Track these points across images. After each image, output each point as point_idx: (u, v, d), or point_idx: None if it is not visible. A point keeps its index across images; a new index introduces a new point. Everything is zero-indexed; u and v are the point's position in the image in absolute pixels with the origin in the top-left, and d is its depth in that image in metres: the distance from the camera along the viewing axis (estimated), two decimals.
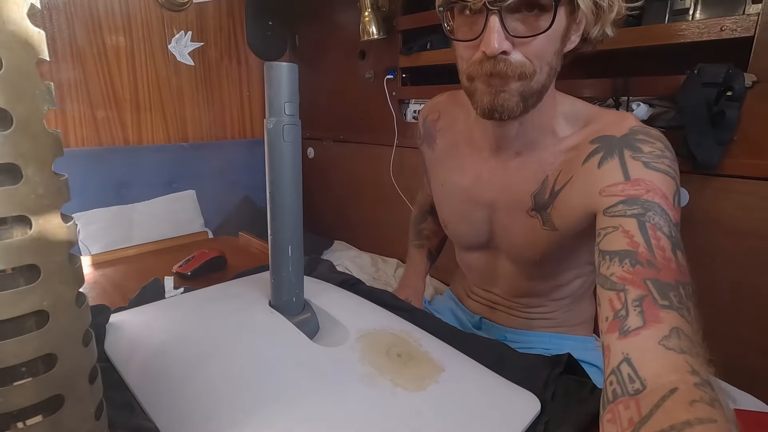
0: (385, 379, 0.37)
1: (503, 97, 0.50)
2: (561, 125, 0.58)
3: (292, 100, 0.38)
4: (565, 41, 0.51)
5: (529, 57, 0.49)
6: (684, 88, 0.91)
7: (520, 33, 0.47)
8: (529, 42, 0.48)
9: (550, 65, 0.51)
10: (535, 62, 0.49)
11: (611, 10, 0.50)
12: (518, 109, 0.51)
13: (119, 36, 1.66)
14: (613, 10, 0.50)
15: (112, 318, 0.47)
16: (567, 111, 0.58)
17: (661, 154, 0.49)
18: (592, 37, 0.53)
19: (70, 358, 0.24)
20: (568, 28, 0.50)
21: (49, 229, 0.23)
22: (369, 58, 1.73)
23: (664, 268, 0.40)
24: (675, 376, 0.32)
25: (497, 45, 0.46)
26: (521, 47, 0.48)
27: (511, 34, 0.47)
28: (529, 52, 0.48)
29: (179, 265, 0.75)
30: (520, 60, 0.48)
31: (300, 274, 0.43)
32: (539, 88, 0.51)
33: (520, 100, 0.51)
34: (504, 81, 0.49)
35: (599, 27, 0.52)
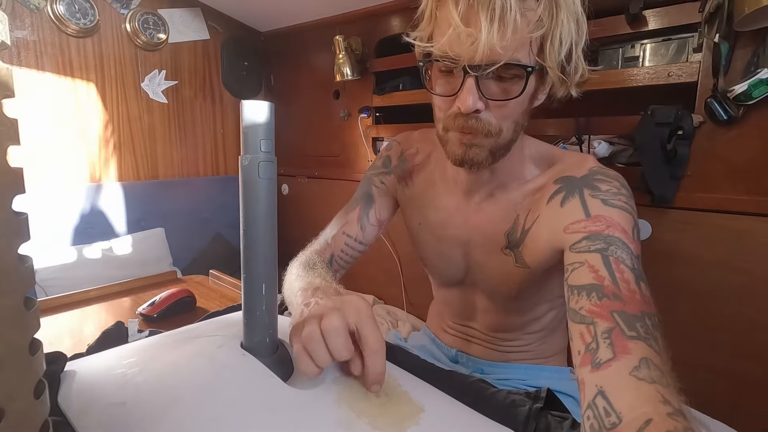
0: (363, 422, 0.35)
1: (474, 152, 0.55)
2: (529, 168, 0.62)
3: (268, 137, 0.38)
4: (533, 101, 0.56)
5: (496, 117, 0.53)
6: (639, 128, 0.98)
7: (493, 96, 0.51)
8: (502, 105, 0.52)
9: (517, 122, 0.55)
10: (502, 123, 0.53)
11: (576, 74, 0.55)
12: (487, 162, 0.56)
13: (90, 72, 1.65)
14: (578, 73, 0.55)
15: (68, 366, 0.44)
16: (533, 153, 0.62)
17: (617, 192, 0.53)
18: (558, 96, 0.57)
19: (18, 412, 0.22)
20: (536, 90, 0.55)
21: (4, 271, 0.21)
22: (343, 97, 1.78)
23: (629, 300, 0.42)
24: (648, 407, 0.32)
25: (471, 104, 0.50)
26: (493, 108, 0.52)
27: (485, 96, 0.51)
28: (498, 113, 0.53)
29: (144, 307, 0.72)
30: (488, 119, 0.53)
31: (274, 313, 0.42)
32: (506, 143, 0.55)
33: (489, 154, 0.55)
34: (474, 136, 0.54)
35: (565, 89, 0.56)
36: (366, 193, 0.75)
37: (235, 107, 2.09)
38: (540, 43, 0.50)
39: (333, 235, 0.71)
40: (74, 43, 1.60)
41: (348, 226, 0.72)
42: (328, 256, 0.70)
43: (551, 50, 0.50)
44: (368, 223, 0.73)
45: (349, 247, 0.71)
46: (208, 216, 1.99)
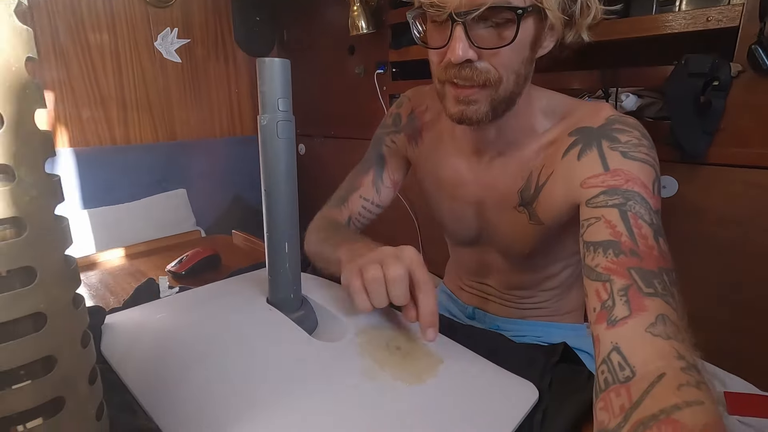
0: (385, 373, 0.37)
1: (472, 109, 0.52)
2: (539, 121, 0.58)
3: (286, 96, 0.38)
4: (536, 48, 0.52)
5: (494, 65, 0.50)
6: (671, 79, 0.92)
7: (484, 44, 0.48)
8: (495, 52, 0.49)
9: (518, 73, 0.51)
10: (500, 70, 0.50)
11: (585, 16, 0.51)
12: (487, 118, 0.53)
13: (103, 34, 1.63)
14: (589, 15, 0.51)
15: (108, 319, 0.46)
16: (544, 106, 0.59)
17: (638, 143, 0.50)
18: (567, 42, 0.53)
19: (68, 360, 0.24)
20: (537, 36, 0.51)
21: (44, 231, 0.22)
22: (358, 53, 1.72)
23: (646, 256, 0.41)
24: (662, 362, 0.33)
25: (461, 53, 0.48)
26: (487, 57, 0.49)
27: (475, 44, 0.48)
28: (495, 61, 0.49)
29: (173, 265, 0.75)
30: (486, 67, 0.50)
31: (297, 271, 0.43)
32: (507, 95, 0.52)
33: (489, 109, 0.52)
34: (470, 91, 0.51)
35: (573, 32, 0.52)
36: (378, 154, 0.74)
37: (248, 66, 2.06)
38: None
39: (350, 198, 0.72)
40: (84, 2, 1.57)
41: (364, 190, 0.72)
42: (346, 218, 0.71)
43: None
44: (383, 185, 0.73)
45: (366, 209, 0.72)
46: (227, 177, 2.01)
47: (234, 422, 0.32)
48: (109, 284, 0.75)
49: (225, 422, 0.32)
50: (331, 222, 0.68)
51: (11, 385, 0.23)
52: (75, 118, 1.62)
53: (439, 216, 0.72)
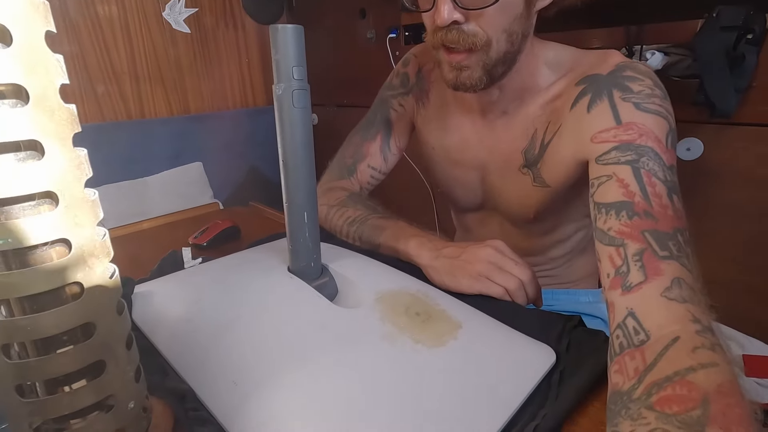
0: (406, 336, 0.38)
1: (465, 75, 0.51)
2: (544, 75, 0.56)
3: (300, 64, 0.37)
4: (532, 1, 0.49)
5: (482, 27, 0.48)
6: (701, 33, 0.88)
7: (469, 4, 0.47)
8: (481, 13, 0.47)
9: (509, 32, 0.49)
10: (489, 32, 0.48)
11: None
12: (482, 83, 0.51)
13: (111, 6, 1.61)
14: None
15: (137, 289, 0.48)
16: (550, 58, 0.56)
17: (651, 93, 0.48)
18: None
19: (106, 326, 0.25)
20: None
21: (76, 203, 0.23)
22: (370, 16, 1.67)
23: (661, 216, 0.40)
24: (677, 325, 0.33)
25: (446, 16, 0.46)
26: (475, 18, 0.47)
27: (460, 5, 0.46)
28: (482, 22, 0.48)
29: (195, 236, 0.77)
30: (473, 29, 0.48)
31: (317, 240, 0.44)
32: (501, 56, 0.50)
33: (483, 74, 0.51)
34: (461, 56, 0.49)
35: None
36: (385, 119, 0.72)
37: (258, 34, 2.02)
38: None
39: (358, 167, 0.71)
40: None
41: (372, 159, 0.71)
42: (357, 188, 0.71)
43: None
44: (390, 152, 0.72)
45: (374, 178, 0.72)
46: (242, 149, 2.02)
47: (260, 383, 0.33)
48: (134, 256, 0.77)
49: (251, 383, 0.33)
50: (351, 195, 0.67)
51: (56, 350, 0.24)
52: (90, 93, 1.63)
53: (443, 182, 0.71)
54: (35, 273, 0.22)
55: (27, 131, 0.21)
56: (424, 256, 0.53)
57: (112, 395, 0.26)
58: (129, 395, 0.27)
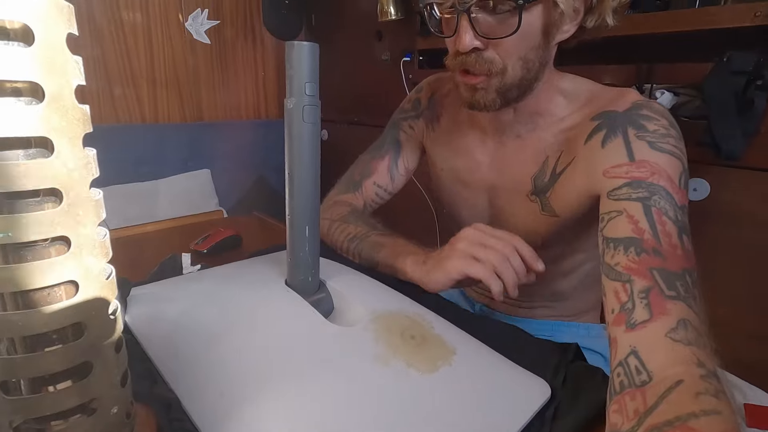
0: (399, 359, 0.37)
1: (480, 95, 0.53)
2: (560, 104, 0.57)
3: (313, 80, 0.38)
4: (551, 33, 0.51)
5: (499, 54, 0.50)
6: (711, 76, 0.89)
7: (488, 34, 0.49)
8: (500, 42, 0.49)
9: (526, 59, 0.51)
10: (505, 59, 0.50)
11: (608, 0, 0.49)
12: (495, 104, 0.53)
13: (136, 12, 1.66)
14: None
15: (133, 291, 0.48)
16: (567, 89, 0.57)
17: (666, 133, 0.48)
18: (589, 26, 0.52)
19: (97, 327, 0.25)
20: (548, 23, 0.50)
21: (79, 202, 0.23)
22: (386, 39, 1.70)
23: (670, 255, 0.40)
24: (681, 368, 0.32)
25: (467, 43, 0.49)
26: (494, 46, 0.50)
27: (480, 33, 0.48)
28: (500, 50, 0.50)
29: (196, 243, 0.77)
30: (491, 56, 0.50)
31: (316, 255, 0.44)
32: (516, 82, 0.52)
33: (497, 96, 0.52)
34: (476, 79, 0.52)
35: (596, 17, 0.50)
36: (394, 140, 0.74)
37: (275, 49, 2.06)
38: None
39: (364, 183, 0.72)
40: None
41: (378, 176, 0.72)
42: (361, 204, 0.72)
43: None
44: (398, 173, 0.73)
45: (379, 196, 0.73)
46: (251, 159, 2.04)
47: (247, 397, 0.33)
48: (134, 258, 0.77)
49: (238, 396, 0.33)
50: (353, 211, 0.68)
51: (44, 348, 0.24)
52: (107, 94, 1.67)
53: (450, 204, 0.71)
54: (32, 268, 0.22)
55: (39, 128, 0.21)
56: (418, 271, 0.54)
57: (96, 399, 0.26)
58: (113, 400, 0.27)
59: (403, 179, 0.74)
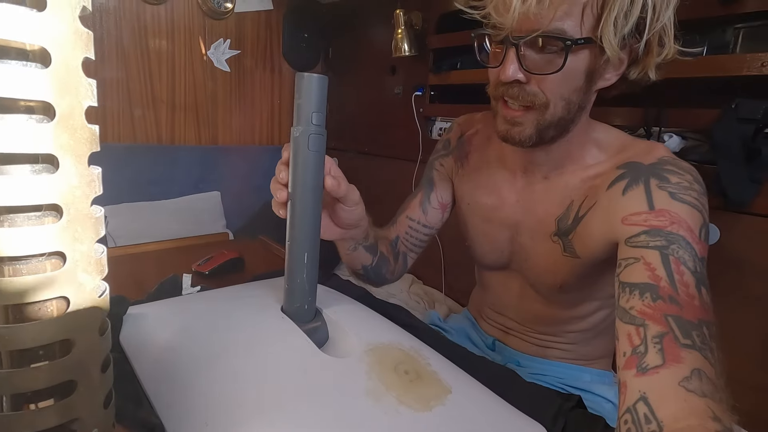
0: (391, 395, 0.36)
1: (517, 130, 0.53)
2: (592, 153, 0.58)
3: (320, 111, 0.39)
4: (594, 79, 0.52)
5: (543, 89, 0.51)
6: (719, 123, 0.89)
7: (534, 69, 0.49)
8: (543, 78, 0.50)
9: (568, 100, 0.51)
10: (548, 95, 0.51)
11: (655, 54, 0.50)
12: (530, 140, 0.53)
13: (162, 40, 1.74)
14: (661, 54, 0.50)
15: (130, 310, 0.48)
16: (600, 138, 0.58)
17: (689, 186, 0.48)
18: (631, 78, 0.53)
19: (85, 345, 0.25)
20: (592, 68, 0.50)
21: (79, 219, 0.23)
22: (399, 73, 1.75)
23: (687, 305, 0.39)
24: (695, 420, 0.30)
25: (510, 74, 0.49)
26: (537, 81, 0.50)
27: (524, 67, 0.49)
28: (543, 86, 0.50)
29: (198, 264, 0.77)
30: (534, 90, 0.51)
31: (314, 282, 0.44)
32: (555, 120, 0.52)
33: (535, 132, 0.53)
34: (517, 112, 0.52)
35: (639, 69, 0.52)
36: (428, 178, 0.77)
37: (292, 79, 2.13)
38: (598, 13, 0.46)
39: (398, 218, 0.76)
40: (149, 10, 1.68)
41: (411, 210, 0.75)
42: (394, 237, 0.75)
43: (607, 22, 0.45)
44: (430, 206, 0.75)
45: (413, 229, 0.75)
46: (260, 183, 2.07)
47: (233, 427, 0.32)
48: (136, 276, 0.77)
49: (223, 427, 0.32)
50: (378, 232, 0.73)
51: (30, 364, 0.23)
52: (127, 115, 1.72)
53: (471, 237, 0.72)
54: (25, 282, 0.22)
55: (46, 145, 0.22)
56: None
57: (78, 419, 0.25)
58: (94, 421, 0.26)
59: (437, 213, 0.75)
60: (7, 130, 0.21)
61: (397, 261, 0.75)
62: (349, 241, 0.63)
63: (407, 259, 0.77)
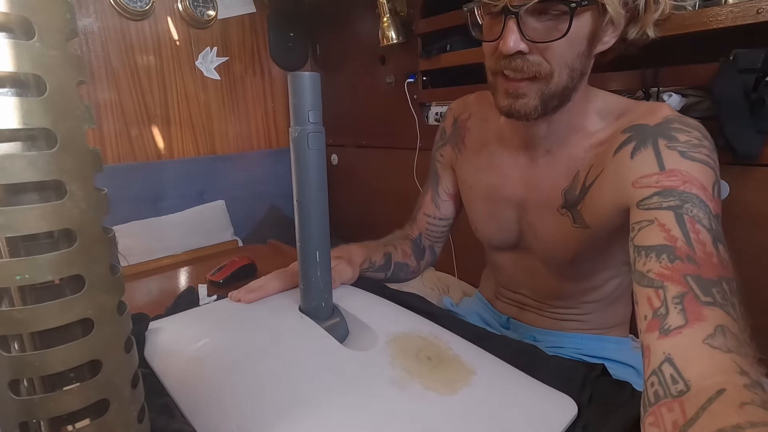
0: (416, 382, 0.37)
1: (521, 102, 0.51)
2: (593, 120, 0.57)
3: (316, 108, 0.39)
4: (594, 43, 0.50)
5: (546, 58, 0.49)
6: (719, 77, 0.87)
7: (536, 37, 0.48)
8: (547, 46, 0.48)
9: (571, 67, 0.50)
10: (552, 64, 0.49)
11: (652, 11, 0.49)
12: (536, 112, 0.52)
13: (149, 56, 1.74)
14: (657, 10, 0.49)
15: (151, 325, 0.49)
16: (600, 106, 0.57)
17: (698, 143, 0.47)
18: (630, 38, 0.51)
19: (113, 364, 0.25)
20: (594, 31, 0.49)
21: (92, 241, 0.24)
22: (389, 62, 1.74)
23: (705, 263, 0.38)
24: (722, 376, 0.30)
25: (512, 45, 0.47)
26: (540, 50, 0.49)
27: (527, 37, 0.48)
28: (547, 55, 0.49)
29: (212, 273, 0.78)
30: (537, 60, 0.49)
31: (328, 279, 0.44)
32: (560, 90, 0.51)
33: (539, 103, 0.51)
34: (520, 84, 0.50)
35: (638, 28, 0.50)
36: (433, 171, 0.78)
37: (283, 80, 2.12)
38: None
39: (417, 216, 0.78)
40: (133, 27, 1.68)
41: (426, 207, 0.77)
42: (416, 234, 0.78)
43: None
44: (441, 199, 0.76)
45: (432, 225, 0.77)
46: (263, 188, 2.07)
47: (264, 427, 0.32)
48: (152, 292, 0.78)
49: (256, 427, 0.32)
50: (395, 234, 0.78)
51: (62, 387, 0.24)
52: (124, 135, 1.73)
53: (478, 220, 0.71)
54: (49, 308, 0.23)
55: (52, 172, 0.22)
56: None
57: None
58: None
59: (448, 204, 0.76)
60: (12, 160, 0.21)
61: (423, 257, 0.78)
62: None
63: (434, 250, 0.80)
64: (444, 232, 0.79)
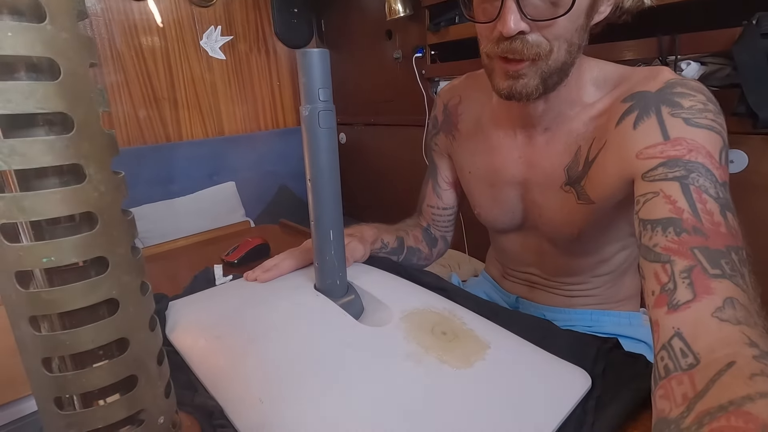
0: (431, 356, 0.37)
1: (521, 83, 0.50)
2: (589, 92, 0.55)
3: (326, 86, 0.38)
4: (591, 14, 0.49)
5: (546, 37, 0.47)
6: (741, 42, 0.84)
7: (537, 16, 0.46)
8: (549, 23, 0.46)
9: (570, 42, 0.48)
10: (552, 42, 0.47)
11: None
12: (537, 92, 0.50)
13: (154, 36, 1.72)
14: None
15: (171, 305, 0.50)
16: (595, 76, 0.55)
17: (703, 108, 0.45)
18: (626, 6, 0.49)
19: (139, 342, 0.26)
20: (593, 2, 0.47)
21: (113, 223, 0.24)
22: (396, 37, 1.70)
23: (712, 233, 0.38)
24: (731, 348, 0.30)
25: (513, 26, 0.45)
26: (540, 28, 0.47)
27: (527, 16, 0.46)
28: (547, 33, 0.47)
29: (226, 254, 0.79)
30: (537, 39, 0.47)
31: (342, 257, 0.44)
32: (558, 66, 0.49)
33: (540, 82, 0.50)
34: (520, 65, 0.48)
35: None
36: (430, 161, 0.77)
37: (288, 58, 2.10)
38: None
39: (422, 208, 0.78)
40: (136, 7, 1.66)
41: (429, 198, 0.77)
42: (425, 225, 0.78)
43: None
44: (441, 189, 0.75)
45: (437, 215, 0.77)
46: (273, 168, 2.08)
47: (285, 401, 0.33)
48: (169, 273, 0.80)
49: (277, 401, 0.33)
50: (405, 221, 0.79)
51: (92, 364, 0.25)
52: (133, 118, 1.74)
53: (480, 204, 0.70)
54: (75, 289, 0.23)
55: (70, 156, 0.22)
56: None
57: (144, 410, 0.27)
58: (159, 410, 0.28)
59: (449, 192, 0.76)
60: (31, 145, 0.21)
61: (435, 245, 0.78)
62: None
63: (446, 239, 0.80)
64: (450, 221, 0.78)
